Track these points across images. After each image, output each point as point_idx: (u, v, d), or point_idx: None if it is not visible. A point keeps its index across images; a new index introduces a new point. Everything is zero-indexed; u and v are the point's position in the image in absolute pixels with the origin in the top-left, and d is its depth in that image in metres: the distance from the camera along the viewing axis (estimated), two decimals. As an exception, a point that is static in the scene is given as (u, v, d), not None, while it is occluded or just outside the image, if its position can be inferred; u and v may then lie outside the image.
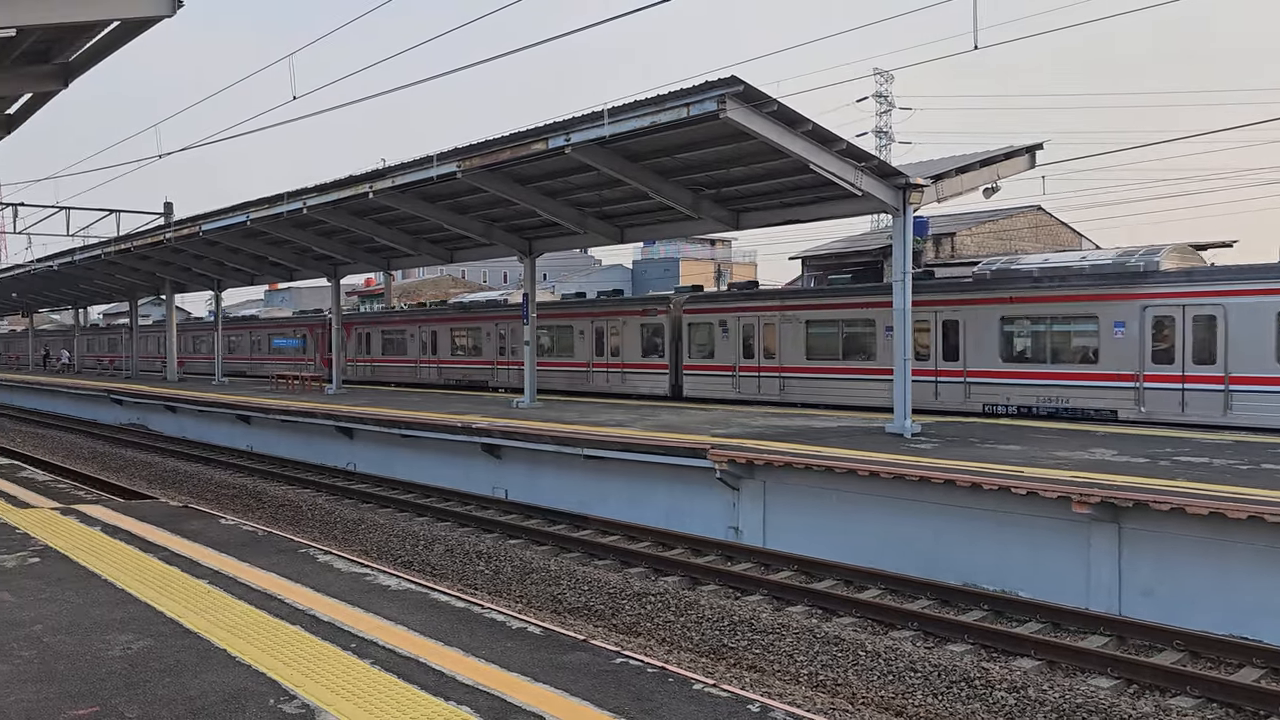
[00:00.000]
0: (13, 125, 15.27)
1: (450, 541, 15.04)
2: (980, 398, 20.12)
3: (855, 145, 15.54)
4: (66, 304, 59.23)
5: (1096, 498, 10.67)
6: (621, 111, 14.55)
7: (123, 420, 35.28)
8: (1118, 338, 18.07)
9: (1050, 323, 19.24)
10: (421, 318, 36.68)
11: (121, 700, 5.28)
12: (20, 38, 10.92)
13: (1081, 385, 18.76)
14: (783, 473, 13.97)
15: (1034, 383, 19.38)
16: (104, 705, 5.21)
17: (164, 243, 29.21)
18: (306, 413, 24.12)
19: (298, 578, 7.92)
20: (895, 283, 16.33)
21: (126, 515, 10.94)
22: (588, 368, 28.81)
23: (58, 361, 60.22)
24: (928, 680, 9.02)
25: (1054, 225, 39.13)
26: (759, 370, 24.43)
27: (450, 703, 5.22)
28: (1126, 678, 9.10)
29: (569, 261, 77.34)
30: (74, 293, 50.56)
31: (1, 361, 76.71)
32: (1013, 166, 18.02)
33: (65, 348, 62.53)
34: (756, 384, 24.42)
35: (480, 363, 33.26)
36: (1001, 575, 11.80)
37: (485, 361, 32.96)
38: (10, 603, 7.23)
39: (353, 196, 20.52)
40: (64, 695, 5.36)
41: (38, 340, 70.47)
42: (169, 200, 39.57)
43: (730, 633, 10.53)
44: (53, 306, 66.05)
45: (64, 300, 56.76)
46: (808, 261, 38.72)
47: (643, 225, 22.16)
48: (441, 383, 34.56)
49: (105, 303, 58.27)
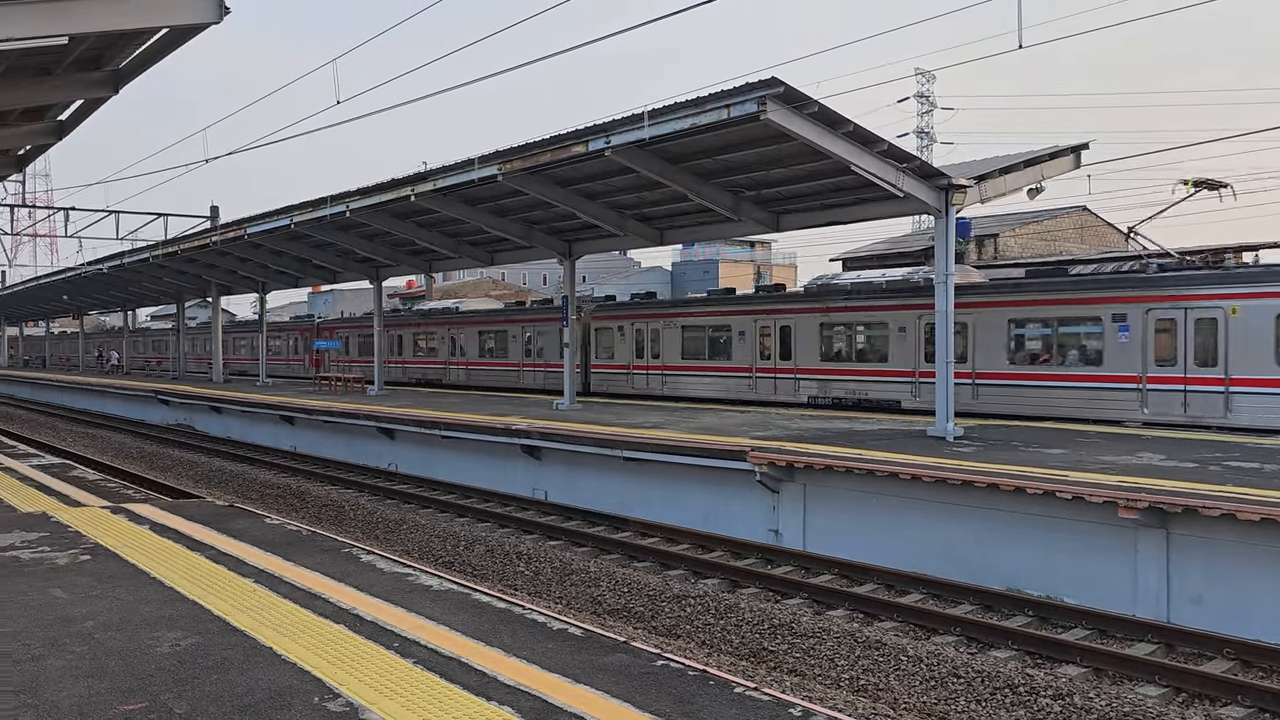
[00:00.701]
0: (64, 131, 15.60)
1: (491, 542, 15.12)
2: (806, 391, 23.92)
3: (896, 146, 15.43)
4: (116, 306, 60.34)
5: (1144, 503, 10.49)
6: (661, 113, 14.56)
7: (170, 420, 35.87)
8: (902, 340, 21.76)
9: (855, 329, 23.25)
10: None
11: (170, 696, 5.37)
12: (71, 46, 11.15)
13: (877, 380, 22.45)
14: (823, 475, 13.89)
15: (845, 378, 23.07)
16: (153, 701, 5.30)
17: (210, 246, 29.67)
18: (349, 414, 24.37)
19: (341, 577, 8.00)
20: (938, 284, 16.20)
21: (174, 514, 11.12)
22: (519, 368, 33.15)
23: (108, 362, 61.38)
24: (971, 686, 8.92)
25: (1100, 226, 38.57)
26: (647, 369, 28.32)
27: (492, 703, 5.25)
28: (1175, 686, 8.94)
29: (608, 264, 77.45)
30: (123, 295, 51.49)
31: (52, 363, 78.22)
32: (1057, 166, 17.78)
33: (114, 349, 63.73)
34: (646, 380, 28.28)
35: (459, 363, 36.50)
36: (1046, 580, 11.65)
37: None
38: (63, 599, 7.37)
39: (395, 199, 20.72)
40: (114, 691, 5.46)
41: (92, 342, 71.91)
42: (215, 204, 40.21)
43: (771, 636, 10.48)
44: (103, 309, 67.30)
45: (113, 302, 57.83)
46: (848, 263, 38.52)
47: (682, 227, 22.15)
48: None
49: (153, 305, 59.24)
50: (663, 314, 28.13)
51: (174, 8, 9.90)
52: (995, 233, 35.62)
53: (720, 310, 26.47)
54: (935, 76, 72.00)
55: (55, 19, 9.37)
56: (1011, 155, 18.54)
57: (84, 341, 69.21)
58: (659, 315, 28.18)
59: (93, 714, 5.12)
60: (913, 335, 21.48)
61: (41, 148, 17.19)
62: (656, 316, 28.22)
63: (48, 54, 11.56)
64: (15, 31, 9.18)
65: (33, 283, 51.36)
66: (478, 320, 35.94)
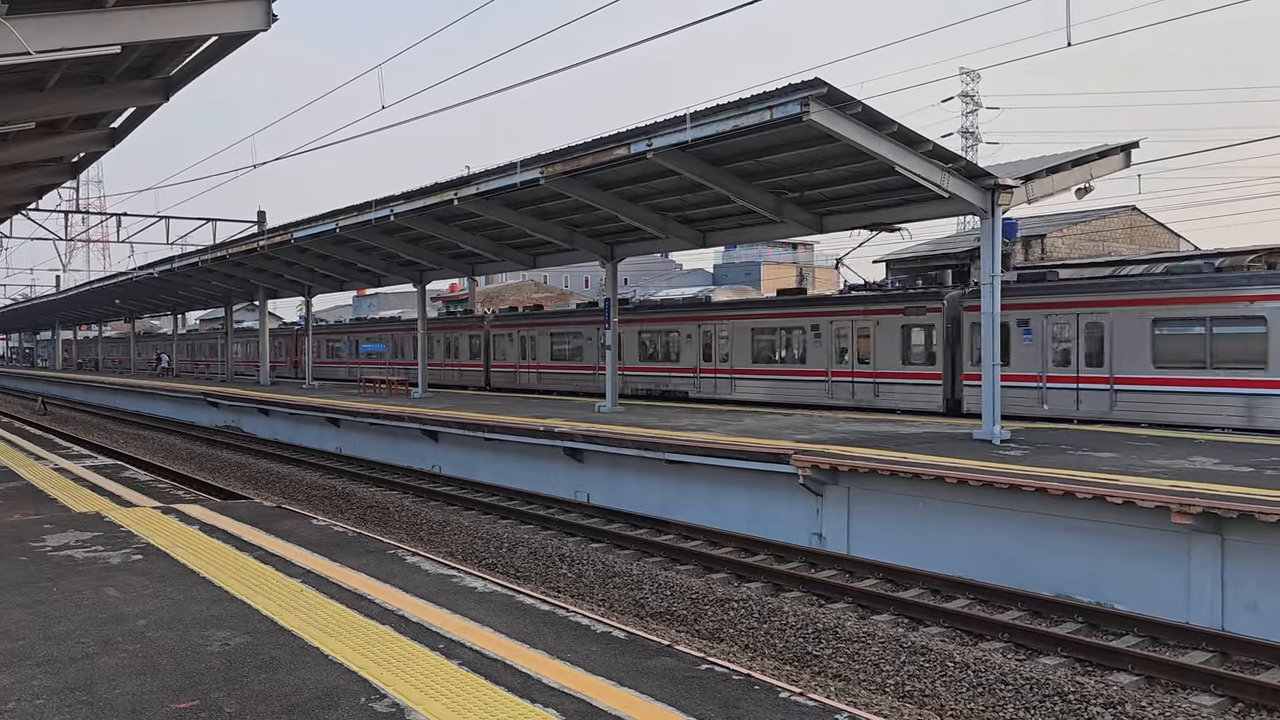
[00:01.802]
0: (117, 138, 15.90)
1: (534, 544, 15.17)
2: (632, 384, 29.44)
3: (941, 146, 15.27)
4: (166, 310, 61.42)
5: (1198, 508, 10.28)
6: (703, 115, 14.52)
7: (218, 422, 36.42)
8: (689, 343, 27.88)
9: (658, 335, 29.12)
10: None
11: (221, 695, 5.43)
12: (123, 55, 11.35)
13: (673, 375, 28.44)
14: (868, 479, 13.77)
15: (654, 374, 29.17)
16: (204, 699, 5.37)
17: (257, 250, 30.08)
18: (393, 416, 24.59)
19: (387, 578, 8.06)
20: (984, 286, 16.02)
21: (223, 515, 11.28)
22: (443, 365, 39.38)
23: (158, 365, 62.49)
24: (1019, 694, 8.79)
25: (1150, 226, 37.86)
26: (528, 368, 34.87)
27: (536, 705, 5.25)
28: (1231, 695, 8.75)
29: (650, 266, 77.46)
30: (172, 299, 52.42)
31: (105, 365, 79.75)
32: (1106, 166, 17.50)
33: (164, 352, 64.86)
34: (528, 377, 34.70)
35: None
36: (1096, 587, 11.45)
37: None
38: (116, 598, 7.50)
39: (438, 203, 20.87)
40: (166, 688, 5.54)
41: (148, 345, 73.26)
42: (262, 209, 40.90)
43: (815, 640, 10.41)
44: (153, 312, 68.54)
45: (163, 306, 58.88)
46: (892, 265, 38.17)
47: (725, 229, 22.09)
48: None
49: (202, 308, 60.26)
50: (535, 324, 33.42)
51: (223, 16, 10.06)
52: (1042, 233, 35.07)
53: (575, 320, 32.10)
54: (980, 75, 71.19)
55: (107, 28, 9.56)
56: (1059, 154, 18.28)
57: (135, 344, 70.50)
58: (534, 325, 33.66)
59: (145, 711, 5.20)
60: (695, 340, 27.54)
61: (94, 155, 17.55)
62: (533, 326, 33.84)
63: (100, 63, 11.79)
64: (69, 41, 9.38)
65: (86, 287, 52.46)
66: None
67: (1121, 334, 18.60)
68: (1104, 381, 18.87)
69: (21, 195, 22.56)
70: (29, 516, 11.23)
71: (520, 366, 35.59)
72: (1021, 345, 20.18)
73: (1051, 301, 19.75)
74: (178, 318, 64.06)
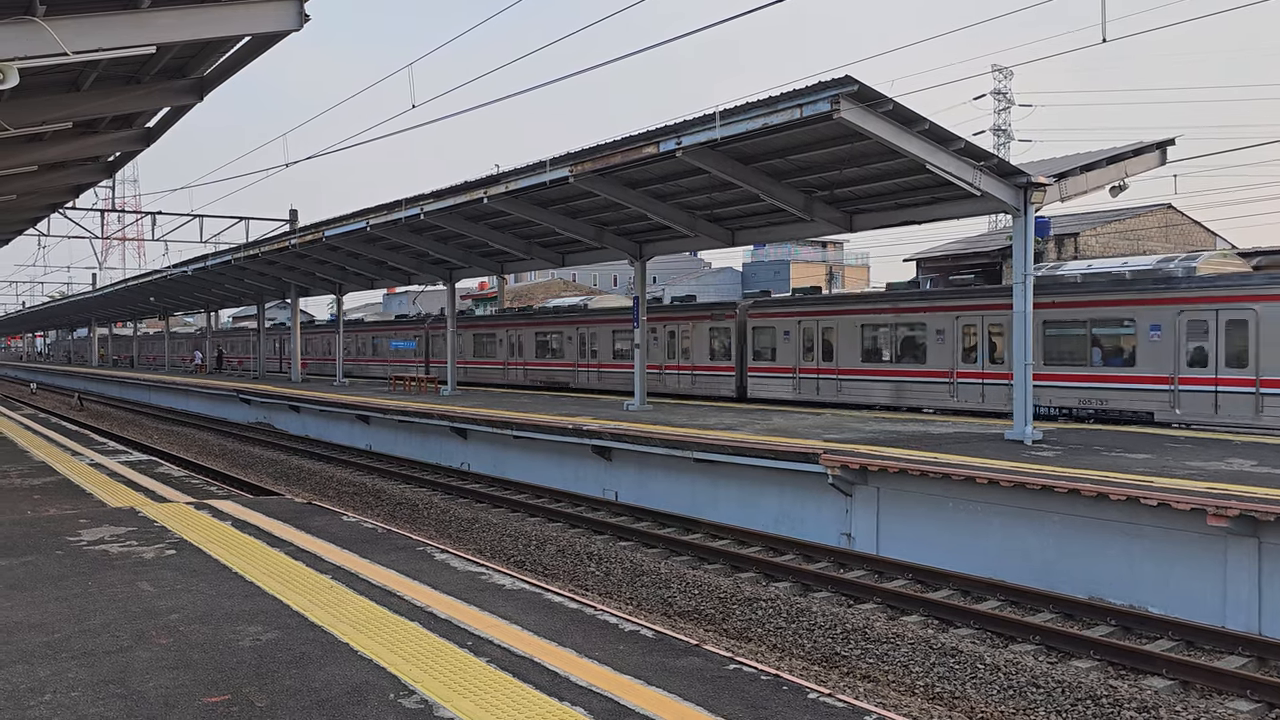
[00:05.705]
0: (152, 138, 16.10)
1: (562, 542, 15.20)
2: (525, 376, 36.85)
3: (973, 144, 15.13)
4: (199, 307, 62.07)
5: (1234, 510, 10.13)
6: (733, 114, 14.47)
7: (250, 419, 36.78)
8: (569, 344, 34.75)
9: (556, 336, 35.61)
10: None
11: (252, 689, 5.48)
12: (158, 55, 11.49)
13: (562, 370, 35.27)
14: (898, 479, 13.69)
15: (548, 369, 35.82)
16: (235, 693, 5.42)
17: (289, 248, 30.30)
18: (423, 413, 24.72)
19: (416, 575, 8.10)
20: (1016, 285, 15.87)
21: (254, 510, 11.39)
22: (399, 363, 45.57)
23: (190, 362, 63.13)
24: (1051, 697, 8.70)
25: (1186, 225, 37.37)
26: (473, 363, 40.67)
27: (564, 703, 5.26)
28: (1268, 701, 8.62)
29: (679, 264, 77.40)
30: (206, 297, 52.95)
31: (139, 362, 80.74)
32: (1142, 163, 17.26)
33: (198, 349, 65.56)
34: (476, 373, 40.25)
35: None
36: (1130, 589, 11.32)
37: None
38: (150, 593, 7.59)
39: (468, 202, 20.94)
40: (198, 682, 5.59)
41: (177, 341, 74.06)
42: (294, 208, 41.24)
43: (843, 641, 10.35)
44: (187, 310, 69.29)
45: (196, 304, 59.50)
46: (922, 263, 37.92)
47: (754, 228, 22.01)
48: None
49: (235, 306, 60.80)
50: (471, 325, 39.57)
51: (256, 16, 10.15)
52: (1075, 231, 34.70)
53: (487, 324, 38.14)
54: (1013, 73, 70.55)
55: (143, 29, 9.67)
56: (1093, 152, 18.06)
57: (169, 341, 71.34)
58: (475, 327, 39.72)
59: (178, 705, 5.25)
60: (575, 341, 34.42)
61: (130, 154, 17.78)
62: (475, 328, 40.13)
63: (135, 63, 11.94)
64: (105, 42, 9.49)
65: (122, 285, 53.11)
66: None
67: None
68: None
69: (59, 194, 22.89)
70: (65, 511, 11.39)
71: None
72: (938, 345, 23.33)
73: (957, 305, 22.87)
74: (210, 315, 64.67)
